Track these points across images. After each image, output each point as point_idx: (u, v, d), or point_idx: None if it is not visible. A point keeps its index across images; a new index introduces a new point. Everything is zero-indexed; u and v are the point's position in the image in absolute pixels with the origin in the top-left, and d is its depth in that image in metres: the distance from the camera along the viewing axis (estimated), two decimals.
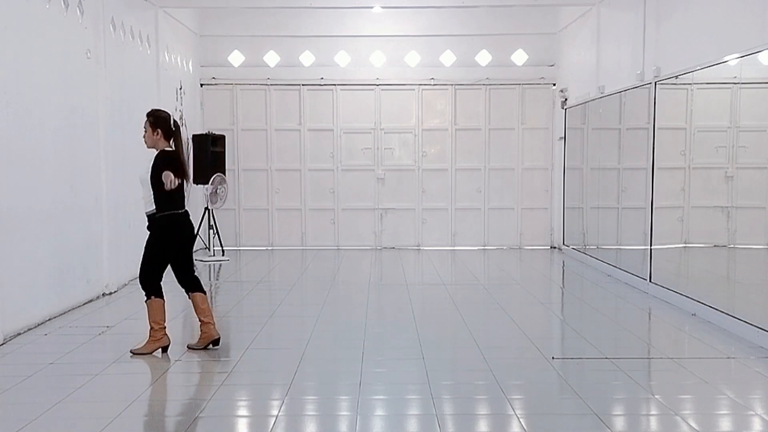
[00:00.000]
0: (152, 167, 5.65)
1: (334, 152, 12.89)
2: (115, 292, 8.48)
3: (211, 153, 11.53)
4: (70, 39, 7.64)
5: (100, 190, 8.25)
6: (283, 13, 12.38)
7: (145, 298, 5.86)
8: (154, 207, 5.72)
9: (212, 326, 5.92)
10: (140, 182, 5.82)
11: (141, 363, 5.55)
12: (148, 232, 5.84)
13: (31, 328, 6.58)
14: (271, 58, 12.84)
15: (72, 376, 5.16)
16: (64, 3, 7.49)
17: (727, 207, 6.96)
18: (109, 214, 8.41)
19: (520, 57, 12.87)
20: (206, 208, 11.55)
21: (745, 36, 6.45)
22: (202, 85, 12.77)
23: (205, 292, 6.04)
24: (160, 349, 5.81)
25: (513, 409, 4.47)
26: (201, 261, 11.24)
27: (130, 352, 5.79)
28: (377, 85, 12.80)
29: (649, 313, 7.51)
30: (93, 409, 4.55)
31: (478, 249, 12.82)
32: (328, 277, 10.04)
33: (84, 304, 7.77)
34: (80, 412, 4.51)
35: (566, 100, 12.09)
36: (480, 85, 12.78)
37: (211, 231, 11.53)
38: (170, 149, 5.77)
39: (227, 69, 12.84)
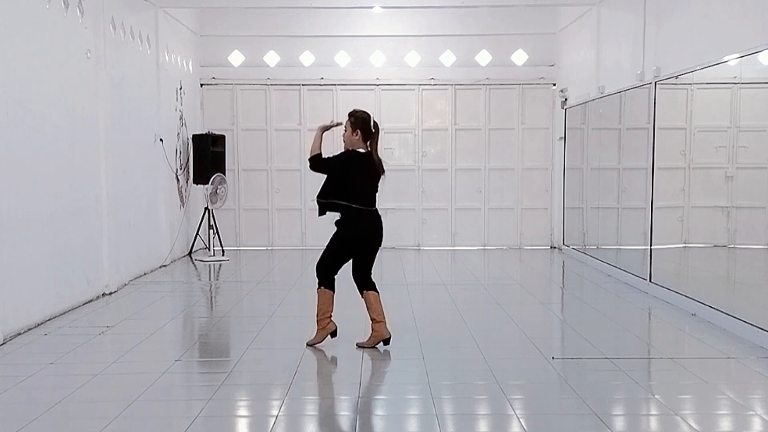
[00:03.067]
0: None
1: (334, 152, 12.81)
2: (115, 292, 8.47)
3: (211, 153, 11.53)
4: (70, 39, 7.64)
5: (100, 190, 8.25)
6: (283, 13, 12.38)
7: (318, 287, 5.96)
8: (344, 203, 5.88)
9: (383, 325, 5.89)
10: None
11: (141, 363, 5.55)
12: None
13: (31, 328, 6.58)
14: (271, 58, 12.84)
15: (72, 376, 5.16)
16: (64, 3, 7.49)
17: (727, 207, 6.96)
18: (109, 214, 8.41)
19: (520, 57, 12.87)
20: (206, 208, 11.55)
21: (745, 36, 6.45)
22: (202, 85, 12.77)
23: (378, 292, 5.99)
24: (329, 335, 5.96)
25: (513, 409, 4.47)
26: (201, 261, 11.24)
27: (307, 344, 5.91)
28: (377, 85, 12.80)
29: (649, 313, 7.51)
30: (93, 409, 4.55)
31: (478, 249, 12.82)
32: None
33: (84, 304, 7.77)
34: (80, 412, 4.51)
35: (566, 100, 12.08)
36: (480, 85, 12.78)
37: (211, 231, 11.53)
38: (362, 151, 5.94)
39: (227, 69, 12.84)
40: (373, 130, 5.96)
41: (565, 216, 12.14)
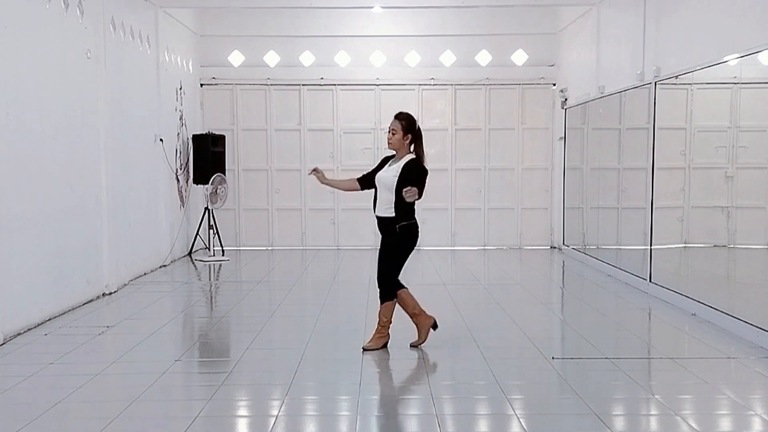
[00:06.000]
0: (402, 174, 5.65)
1: (334, 152, 12.88)
2: (115, 292, 8.47)
3: (211, 153, 11.53)
4: (70, 39, 7.64)
5: (100, 190, 8.25)
6: (283, 13, 12.38)
7: (384, 300, 5.86)
8: (393, 212, 5.74)
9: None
10: (378, 183, 5.81)
11: (141, 363, 5.55)
12: (381, 235, 5.86)
13: (31, 328, 6.58)
14: (271, 58, 12.84)
15: (72, 376, 5.16)
16: (64, 3, 7.49)
17: (727, 207, 6.96)
18: (109, 214, 8.41)
19: (520, 57, 12.87)
20: (206, 208, 11.55)
21: (745, 36, 6.45)
22: (202, 85, 12.77)
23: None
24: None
25: (513, 409, 4.47)
26: (201, 261, 11.24)
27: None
28: (377, 85, 12.80)
29: (649, 313, 7.51)
30: (93, 409, 4.55)
31: (478, 249, 12.81)
32: (328, 277, 10.04)
33: (84, 304, 7.77)
34: (80, 412, 4.52)
35: (566, 100, 12.09)
36: (480, 85, 12.78)
37: (211, 231, 11.53)
38: (415, 157, 5.75)
39: (227, 69, 12.84)
40: (417, 136, 5.80)
41: (565, 216, 12.14)
